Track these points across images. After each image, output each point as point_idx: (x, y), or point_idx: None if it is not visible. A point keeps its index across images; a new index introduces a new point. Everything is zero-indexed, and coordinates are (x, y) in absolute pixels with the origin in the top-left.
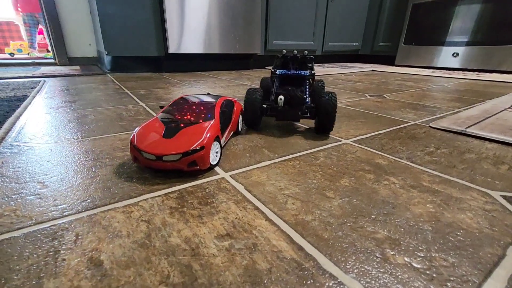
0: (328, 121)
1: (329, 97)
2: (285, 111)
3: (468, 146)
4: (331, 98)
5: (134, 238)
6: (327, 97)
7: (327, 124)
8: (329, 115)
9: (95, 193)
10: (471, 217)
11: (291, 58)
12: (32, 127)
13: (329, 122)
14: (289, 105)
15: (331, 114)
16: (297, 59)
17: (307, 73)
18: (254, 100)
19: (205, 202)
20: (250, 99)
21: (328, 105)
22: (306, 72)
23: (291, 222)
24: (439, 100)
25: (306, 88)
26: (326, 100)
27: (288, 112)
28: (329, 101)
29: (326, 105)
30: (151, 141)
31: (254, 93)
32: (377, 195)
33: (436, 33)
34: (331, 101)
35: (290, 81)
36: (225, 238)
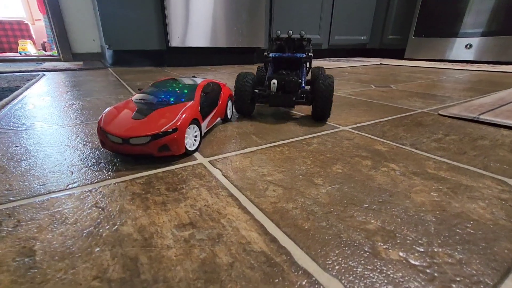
0: (325, 106)
1: (325, 80)
2: (278, 97)
3: (481, 133)
4: (327, 81)
5: (80, 226)
6: (323, 80)
7: (324, 109)
8: (326, 100)
9: (54, 178)
10: (484, 207)
11: (286, 41)
12: (13, 115)
13: (325, 107)
14: (283, 90)
15: (327, 98)
16: (293, 41)
17: (303, 55)
18: (244, 85)
19: (173, 188)
20: (239, 83)
21: (324, 89)
22: (303, 54)
23: (267, 211)
24: (450, 90)
25: (302, 71)
26: (322, 84)
27: (282, 97)
28: (326, 85)
29: (322, 89)
30: (118, 122)
31: (245, 76)
32: (373, 182)
33: (448, 24)
34: (328, 85)
35: (285, 65)
36: (186, 228)
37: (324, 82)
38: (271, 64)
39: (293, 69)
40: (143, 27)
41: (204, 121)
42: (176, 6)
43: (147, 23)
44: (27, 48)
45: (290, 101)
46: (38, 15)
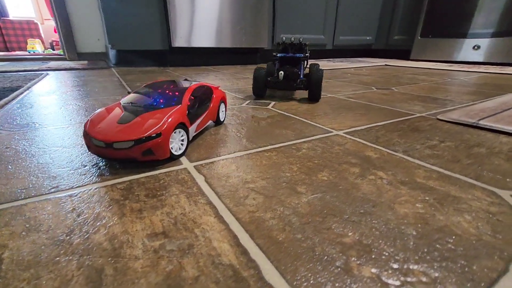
0: (317, 90)
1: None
2: (284, 83)
3: (479, 140)
4: (318, 73)
5: (53, 233)
6: (315, 72)
7: (316, 93)
8: (317, 86)
9: (37, 181)
10: (470, 220)
11: (289, 44)
12: (9, 115)
13: (317, 91)
14: (287, 79)
15: (318, 85)
16: (294, 45)
17: (301, 55)
18: (260, 74)
19: (153, 195)
20: (257, 74)
21: (316, 79)
22: (301, 54)
23: (244, 220)
24: (452, 93)
25: (300, 67)
26: (315, 75)
27: (286, 83)
28: (318, 75)
29: (314, 78)
30: (103, 126)
31: (260, 69)
32: (358, 191)
33: (456, 25)
34: (319, 76)
35: (288, 62)
36: (158, 237)
37: (317, 74)
38: (278, 61)
39: (294, 65)
40: (146, 28)
41: (192, 125)
42: (179, 6)
43: (150, 24)
44: (35, 47)
45: (292, 86)
46: (47, 15)
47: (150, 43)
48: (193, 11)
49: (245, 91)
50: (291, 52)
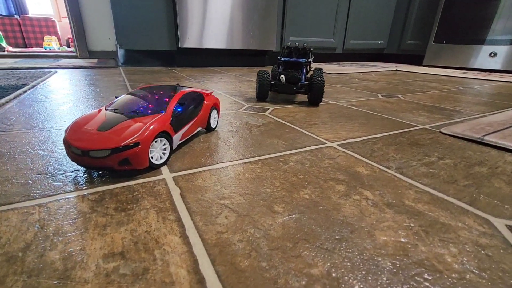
0: (317, 95)
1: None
2: (285, 86)
3: (481, 158)
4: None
5: (8, 249)
6: (316, 77)
7: (317, 97)
8: (318, 91)
9: (10, 189)
10: (455, 254)
11: (294, 49)
12: (6, 115)
13: (318, 95)
14: (289, 82)
15: (319, 90)
16: (298, 50)
17: (304, 60)
18: (263, 78)
19: (122, 208)
20: (261, 77)
21: (317, 83)
22: (304, 59)
23: (210, 242)
24: (462, 103)
25: (302, 71)
26: (316, 80)
27: (287, 87)
28: (319, 80)
29: (315, 83)
30: (82, 134)
31: (264, 73)
32: (338, 213)
33: (473, 30)
34: (320, 81)
35: (291, 66)
36: (114, 258)
37: (318, 79)
38: (281, 65)
39: (297, 69)
40: (155, 28)
41: (177, 133)
42: (188, 8)
43: (158, 25)
44: (51, 44)
45: (292, 90)
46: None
47: (158, 44)
48: (201, 13)
49: (246, 95)
50: (295, 57)
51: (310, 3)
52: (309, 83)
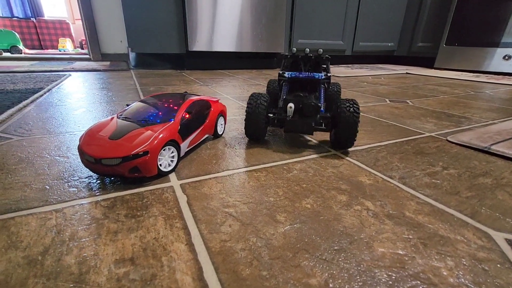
0: (350, 134)
1: (349, 104)
2: (296, 122)
3: (486, 168)
4: (352, 106)
5: (29, 252)
6: (347, 104)
7: (348, 138)
8: (351, 128)
9: (29, 194)
10: (452, 267)
11: (302, 58)
12: (24, 119)
13: (350, 135)
14: (300, 114)
15: (353, 126)
16: (309, 59)
17: (322, 76)
18: (257, 107)
19: (132, 215)
20: (252, 106)
21: (349, 115)
22: (321, 74)
23: (214, 250)
24: (472, 109)
25: (320, 94)
26: (347, 109)
27: (299, 123)
28: (350, 110)
29: (346, 115)
30: (95, 142)
31: (258, 98)
32: (339, 223)
33: (486, 33)
34: (352, 110)
35: (301, 86)
36: (125, 264)
37: (348, 108)
38: (285, 83)
39: (310, 90)
40: (165, 32)
41: (185, 141)
42: (197, 12)
43: (168, 28)
44: (66, 45)
45: (309, 127)
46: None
47: (168, 47)
48: (210, 16)
49: None
50: (305, 70)
51: (319, 5)
52: (333, 114)
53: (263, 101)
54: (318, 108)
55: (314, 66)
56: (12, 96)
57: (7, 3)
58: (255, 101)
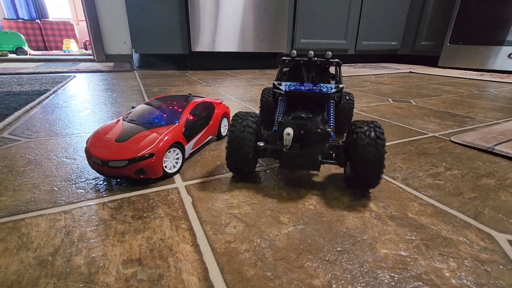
0: (372, 171)
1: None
2: (296, 155)
3: (490, 169)
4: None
5: (39, 253)
6: (365, 128)
7: (370, 176)
8: (373, 162)
9: (38, 195)
10: (454, 268)
11: (305, 64)
12: (31, 121)
13: (373, 173)
14: (303, 143)
15: (376, 160)
16: (314, 64)
17: (332, 89)
18: (242, 133)
19: (139, 216)
20: (236, 131)
21: (369, 144)
22: (331, 86)
23: (219, 251)
24: (476, 108)
25: (329, 113)
26: (366, 135)
27: (301, 156)
28: (371, 136)
29: (365, 143)
30: (102, 144)
31: (244, 120)
32: (342, 224)
33: (491, 31)
34: (374, 136)
35: (303, 101)
36: (133, 264)
37: (368, 131)
38: (283, 99)
39: (315, 107)
40: (168, 33)
41: (189, 143)
42: (200, 12)
43: (171, 29)
44: (70, 46)
45: (314, 162)
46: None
47: (171, 48)
48: (213, 17)
49: (256, 100)
50: (310, 81)
51: (321, 4)
52: (347, 142)
53: (250, 123)
54: (327, 135)
55: (320, 74)
56: (19, 98)
57: (12, 5)
58: (239, 123)
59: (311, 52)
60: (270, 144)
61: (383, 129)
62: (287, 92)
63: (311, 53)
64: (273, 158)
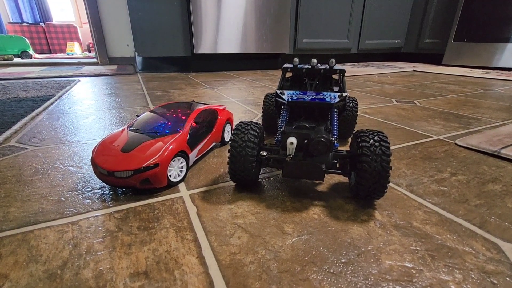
0: (377, 185)
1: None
2: (299, 165)
3: (496, 174)
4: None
5: (49, 266)
6: (370, 141)
7: (375, 189)
8: (378, 177)
9: (46, 206)
10: (460, 280)
11: (307, 72)
12: (37, 128)
13: (378, 186)
14: (306, 152)
15: (381, 175)
16: (318, 73)
17: (336, 98)
18: (244, 148)
19: (145, 227)
20: (237, 146)
21: (374, 160)
22: (334, 95)
23: (224, 263)
24: (482, 108)
25: (333, 122)
26: (371, 150)
27: (304, 166)
28: (377, 152)
29: (370, 159)
30: (107, 154)
31: (246, 133)
32: (346, 235)
33: (496, 28)
34: (380, 152)
35: (306, 109)
36: (140, 278)
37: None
38: (285, 108)
39: (318, 116)
40: (170, 36)
41: (193, 151)
42: (202, 14)
43: (174, 32)
44: (73, 49)
45: (319, 171)
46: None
47: (174, 50)
48: (215, 19)
49: (258, 103)
50: (313, 89)
51: (323, 4)
52: (352, 153)
53: (252, 136)
54: (331, 144)
55: (323, 81)
56: (25, 104)
57: (17, 9)
58: (241, 137)
59: (314, 60)
60: (273, 154)
61: (389, 143)
62: (292, 102)
63: (314, 61)
64: (276, 168)
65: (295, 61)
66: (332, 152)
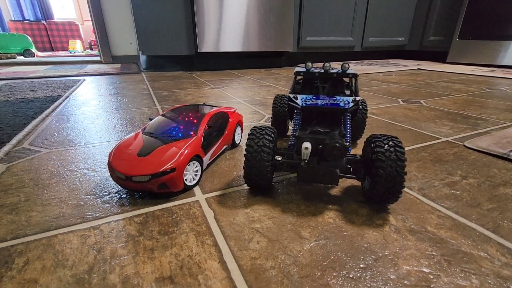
0: (392, 190)
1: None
2: (314, 170)
3: (506, 177)
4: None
5: (76, 271)
6: (385, 147)
7: (389, 194)
8: (393, 182)
9: (66, 210)
10: (477, 285)
11: (321, 75)
12: (49, 130)
13: (392, 191)
14: (321, 157)
15: (396, 180)
16: (330, 77)
17: (349, 103)
18: (260, 153)
19: (165, 231)
20: (253, 150)
21: (390, 165)
22: (348, 99)
23: (245, 268)
24: (489, 109)
25: (346, 126)
26: (386, 156)
27: (319, 170)
28: (391, 157)
29: (386, 164)
30: (124, 159)
31: (261, 138)
32: (362, 239)
33: (502, 25)
34: (395, 157)
35: (319, 114)
36: (165, 282)
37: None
38: (298, 112)
39: (331, 120)
40: (174, 34)
41: (207, 154)
42: (205, 13)
43: (177, 31)
44: (75, 47)
45: (334, 176)
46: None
47: (178, 49)
48: (218, 17)
49: (265, 103)
50: (325, 93)
51: (327, 2)
52: (365, 157)
53: (267, 141)
54: (345, 150)
55: (335, 85)
56: (33, 105)
57: (18, 7)
58: (256, 142)
59: (327, 65)
60: (287, 158)
61: (403, 148)
62: (305, 108)
63: (327, 65)
64: (290, 172)
65: (307, 65)
66: (346, 157)
